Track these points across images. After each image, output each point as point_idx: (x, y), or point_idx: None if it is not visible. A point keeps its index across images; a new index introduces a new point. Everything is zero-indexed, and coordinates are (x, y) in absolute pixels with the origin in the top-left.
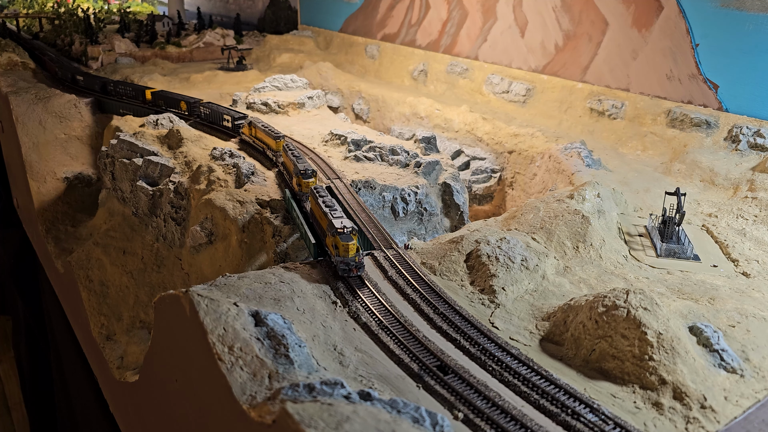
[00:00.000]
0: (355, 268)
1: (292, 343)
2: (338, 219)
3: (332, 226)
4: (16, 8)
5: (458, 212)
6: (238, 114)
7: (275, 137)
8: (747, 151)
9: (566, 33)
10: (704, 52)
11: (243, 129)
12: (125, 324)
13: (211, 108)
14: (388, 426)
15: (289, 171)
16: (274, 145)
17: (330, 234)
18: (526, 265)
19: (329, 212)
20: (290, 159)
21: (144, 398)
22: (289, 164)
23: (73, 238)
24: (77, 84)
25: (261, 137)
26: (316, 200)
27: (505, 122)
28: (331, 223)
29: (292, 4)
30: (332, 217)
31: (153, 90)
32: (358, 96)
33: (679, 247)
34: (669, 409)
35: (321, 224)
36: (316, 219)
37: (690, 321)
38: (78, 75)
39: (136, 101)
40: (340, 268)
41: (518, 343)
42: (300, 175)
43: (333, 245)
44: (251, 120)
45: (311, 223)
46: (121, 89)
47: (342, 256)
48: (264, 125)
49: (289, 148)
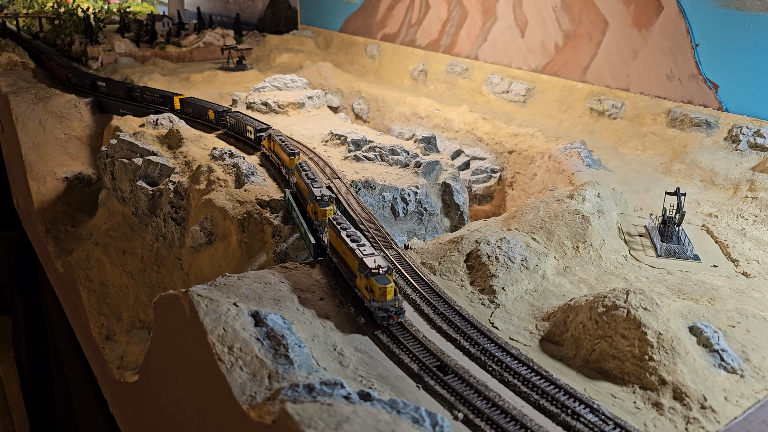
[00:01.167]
0: (395, 315)
1: (292, 343)
2: (370, 257)
3: (364, 266)
4: (16, 8)
5: (458, 212)
6: (261, 125)
7: (289, 153)
8: (747, 151)
9: (566, 33)
10: (704, 52)
11: (263, 141)
12: (125, 324)
13: (236, 118)
14: (387, 426)
15: (303, 194)
16: (288, 162)
17: (362, 275)
18: (526, 265)
19: (357, 248)
20: (304, 181)
21: (144, 398)
22: (303, 187)
23: (73, 238)
24: (98, 90)
25: (277, 152)
26: (338, 233)
27: (505, 122)
28: (363, 262)
29: (292, 4)
30: (363, 254)
31: (182, 97)
32: (358, 96)
33: (679, 247)
34: (669, 409)
35: (348, 263)
36: (340, 256)
37: (690, 321)
38: (99, 81)
39: (165, 108)
40: (379, 315)
41: (518, 343)
42: (316, 202)
43: (366, 288)
44: (270, 132)
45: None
46: (148, 96)
47: (379, 301)
48: (281, 138)
49: (304, 168)
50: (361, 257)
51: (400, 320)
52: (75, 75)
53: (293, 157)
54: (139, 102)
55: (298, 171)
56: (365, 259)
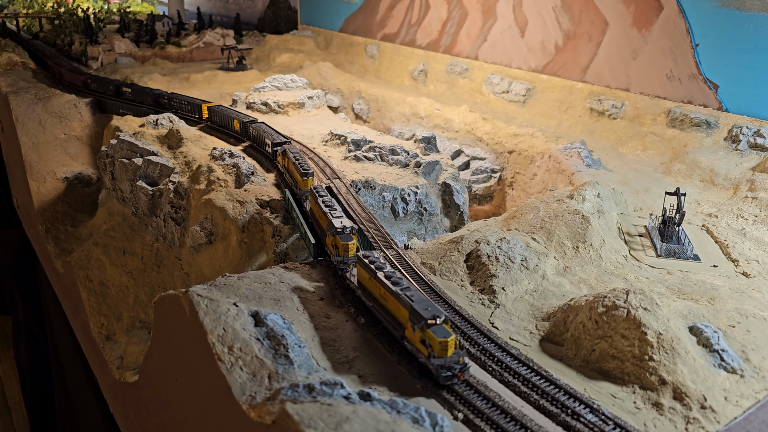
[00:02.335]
0: (460, 373)
1: (292, 343)
2: (423, 307)
3: (418, 317)
4: (16, 8)
5: (458, 212)
6: (280, 138)
7: (302, 173)
8: (747, 151)
9: (566, 33)
10: (704, 52)
11: (278, 157)
12: (125, 324)
13: (257, 129)
14: (387, 426)
15: (319, 223)
16: (301, 183)
17: (416, 327)
18: (526, 265)
19: (404, 295)
20: (321, 209)
21: (144, 398)
22: (320, 215)
23: (72, 238)
24: (122, 96)
25: (291, 171)
26: (373, 273)
27: (505, 122)
28: (416, 312)
29: (292, 4)
30: (414, 305)
31: (210, 105)
32: (358, 96)
33: (679, 247)
34: (669, 409)
35: (391, 310)
36: (377, 300)
37: (690, 321)
38: (125, 87)
39: (193, 116)
40: (442, 375)
41: (518, 344)
42: (336, 235)
43: (422, 341)
44: (285, 148)
45: (367, 306)
46: (176, 103)
47: (439, 357)
48: (296, 156)
49: (320, 192)
50: (412, 306)
51: (466, 378)
52: (95, 81)
53: (306, 179)
54: (168, 110)
55: (313, 196)
56: (417, 308)
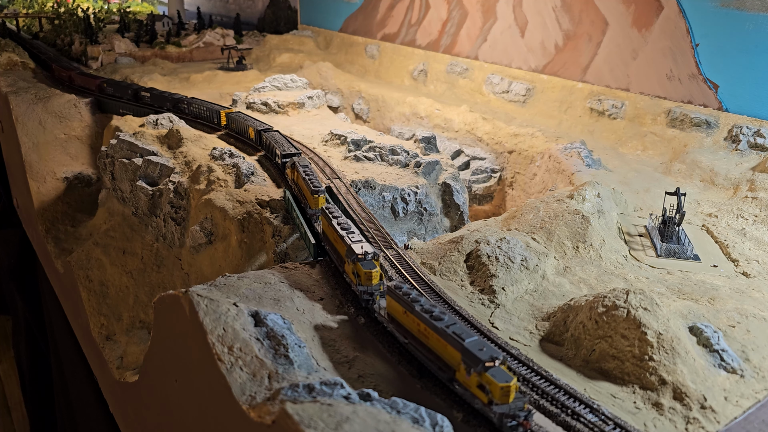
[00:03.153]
0: (525, 421)
1: (292, 343)
2: (478, 347)
3: (474, 359)
4: (16, 8)
5: (458, 212)
6: (288, 150)
7: (313, 191)
8: (747, 151)
9: (566, 33)
10: (704, 52)
11: (287, 171)
12: (125, 324)
13: (270, 139)
14: (387, 426)
15: (334, 247)
16: (311, 201)
17: (472, 371)
18: (526, 265)
19: (457, 338)
20: (336, 231)
21: (144, 398)
22: (335, 238)
23: (72, 238)
24: (141, 101)
25: (300, 186)
26: (409, 307)
27: (505, 122)
28: (471, 354)
29: (292, 4)
30: (471, 349)
31: (228, 111)
32: (358, 96)
33: (679, 247)
34: (669, 409)
35: (436, 349)
36: (414, 338)
37: (690, 321)
38: (143, 92)
39: (211, 123)
40: (506, 425)
41: (518, 344)
42: (358, 262)
43: (479, 386)
44: (295, 161)
45: (405, 342)
46: (195, 109)
47: (500, 402)
48: (306, 170)
49: (333, 214)
50: (468, 349)
51: (532, 428)
52: (112, 85)
53: (318, 197)
54: (186, 114)
55: (326, 217)
56: (471, 349)
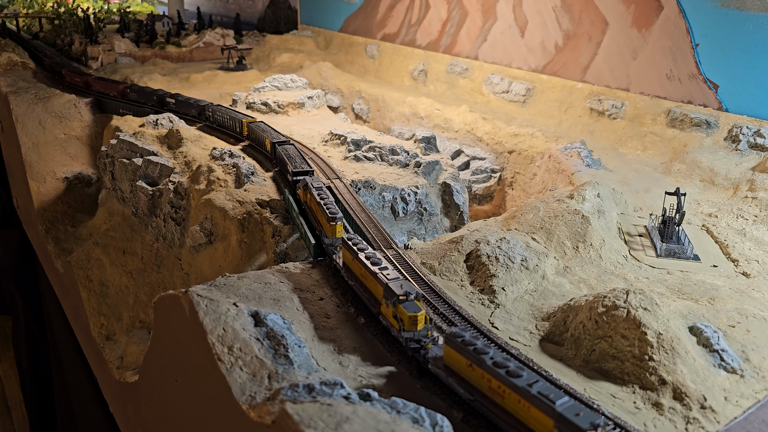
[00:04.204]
0: None
1: (292, 343)
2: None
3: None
4: (16, 8)
5: (458, 212)
6: (300, 166)
7: (330, 218)
8: (747, 151)
9: (566, 33)
10: (704, 52)
11: (299, 191)
12: (125, 324)
13: (283, 153)
14: (387, 426)
15: (363, 285)
16: (327, 229)
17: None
18: (526, 265)
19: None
20: (365, 267)
21: (144, 398)
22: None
23: (73, 238)
24: (166, 107)
25: (314, 210)
26: (478, 361)
27: (505, 122)
28: (563, 417)
29: (292, 4)
30: (540, 395)
31: (250, 122)
32: (358, 96)
33: (679, 247)
34: (669, 409)
35: (512, 408)
36: (481, 393)
37: (690, 321)
38: (168, 98)
39: (234, 133)
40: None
41: (518, 344)
42: (399, 304)
43: None
44: (307, 181)
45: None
46: (219, 117)
47: None
48: (320, 193)
49: (359, 246)
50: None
51: None
52: (135, 91)
53: (335, 224)
54: (211, 122)
55: (350, 250)
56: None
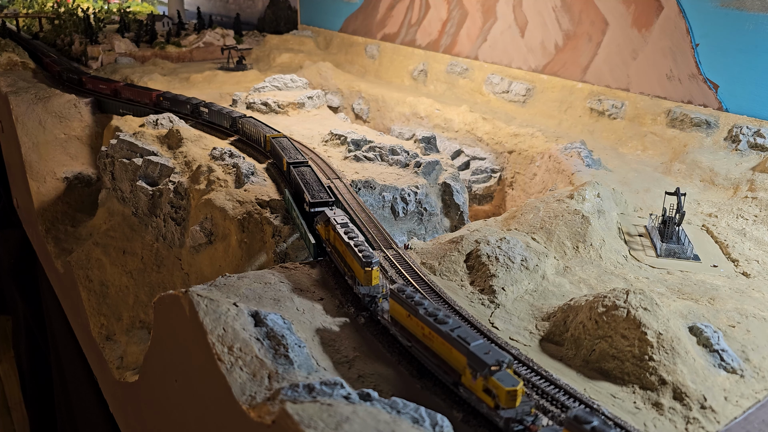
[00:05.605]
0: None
1: (292, 343)
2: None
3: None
4: (16, 8)
5: (458, 212)
6: (319, 195)
7: (364, 263)
8: (747, 151)
9: (566, 33)
10: (704, 52)
11: (318, 226)
12: (125, 324)
13: (300, 176)
14: (387, 426)
15: (429, 350)
16: (362, 276)
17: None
18: (526, 265)
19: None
20: (438, 330)
21: (144, 398)
22: (428, 336)
23: (73, 238)
24: (201, 117)
25: (341, 250)
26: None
27: (505, 122)
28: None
29: (292, 4)
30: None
31: (273, 137)
32: (358, 96)
33: (679, 247)
34: (669, 409)
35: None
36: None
37: (690, 321)
38: (202, 107)
39: (259, 146)
40: None
41: (518, 344)
42: (491, 376)
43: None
44: (329, 216)
45: None
46: (247, 129)
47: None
48: (348, 231)
49: (416, 299)
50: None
51: None
52: (168, 100)
53: (371, 269)
54: (240, 133)
55: (407, 306)
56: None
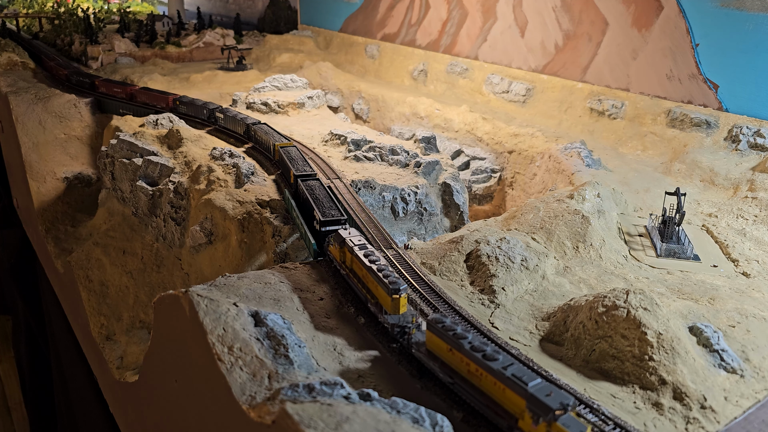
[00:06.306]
0: None
1: (292, 343)
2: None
3: None
4: (16, 8)
5: (458, 212)
6: (330, 213)
7: (392, 289)
8: (747, 151)
9: (566, 33)
10: (704, 52)
11: (330, 247)
12: (125, 324)
13: (308, 190)
14: (387, 426)
15: (475, 388)
16: (388, 304)
17: None
18: (526, 265)
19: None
20: (488, 368)
21: (144, 398)
22: (476, 373)
23: (73, 238)
24: (216, 123)
25: (361, 275)
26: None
27: (505, 122)
28: None
29: (292, 4)
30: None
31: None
32: (358, 96)
33: (679, 247)
34: (669, 409)
35: None
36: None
37: (690, 321)
38: (218, 112)
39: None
40: None
41: (518, 344)
42: (555, 421)
43: None
44: (344, 237)
45: None
46: (259, 137)
47: None
48: (368, 254)
49: (457, 332)
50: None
51: None
52: (185, 104)
53: (398, 296)
54: (253, 141)
55: (446, 338)
56: None
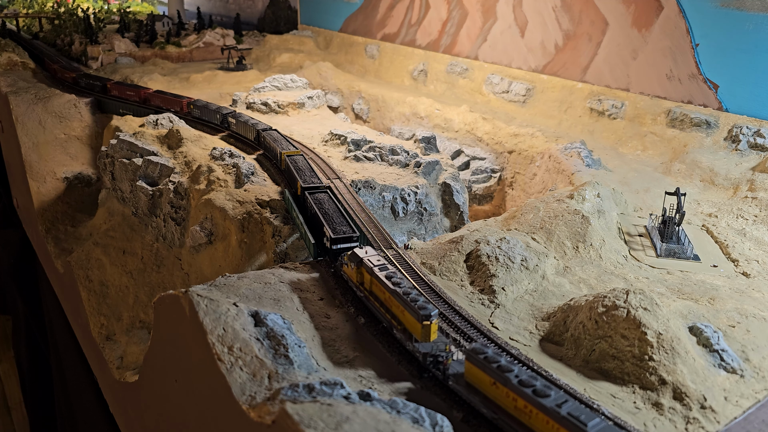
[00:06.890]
0: None
1: (292, 343)
2: None
3: None
4: (16, 8)
5: (458, 212)
6: (341, 229)
7: (422, 316)
8: (747, 151)
9: (566, 33)
10: (704, 52)
11: (344, 268)
12: (125, 324)
13: (317, 204)
14: (387, 426)
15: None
16: (417, 330)
17: None
18: (526, 265)
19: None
20: (525, 397)
21: (144, 398)
22: (525, 409)
23: (73, 238)
24: (229, 128)
25: (381, 297)
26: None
27: (505, 122)
28: None
29: (292, 4)
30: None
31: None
32: (358, 96)
33: (679, 247)
34: (669, 409)
35: None
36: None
37: (690, 321)
38: (231, 117)
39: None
40: None
41: (518, 344)
42: None
43: None
44: (362, 257)
45: None
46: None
47: None
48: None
49: (502, 366)
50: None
51: None
52: (199, 108)
53: (429, 322)
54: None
55: (484, 367)
56: None
